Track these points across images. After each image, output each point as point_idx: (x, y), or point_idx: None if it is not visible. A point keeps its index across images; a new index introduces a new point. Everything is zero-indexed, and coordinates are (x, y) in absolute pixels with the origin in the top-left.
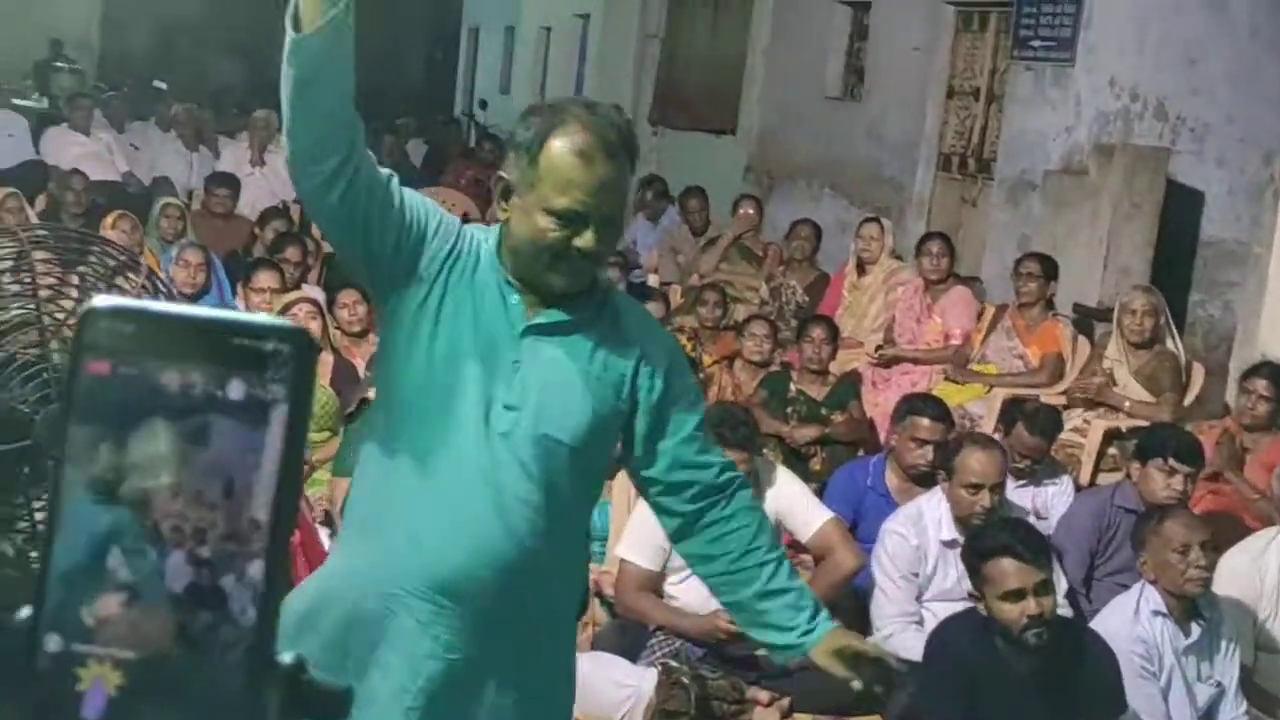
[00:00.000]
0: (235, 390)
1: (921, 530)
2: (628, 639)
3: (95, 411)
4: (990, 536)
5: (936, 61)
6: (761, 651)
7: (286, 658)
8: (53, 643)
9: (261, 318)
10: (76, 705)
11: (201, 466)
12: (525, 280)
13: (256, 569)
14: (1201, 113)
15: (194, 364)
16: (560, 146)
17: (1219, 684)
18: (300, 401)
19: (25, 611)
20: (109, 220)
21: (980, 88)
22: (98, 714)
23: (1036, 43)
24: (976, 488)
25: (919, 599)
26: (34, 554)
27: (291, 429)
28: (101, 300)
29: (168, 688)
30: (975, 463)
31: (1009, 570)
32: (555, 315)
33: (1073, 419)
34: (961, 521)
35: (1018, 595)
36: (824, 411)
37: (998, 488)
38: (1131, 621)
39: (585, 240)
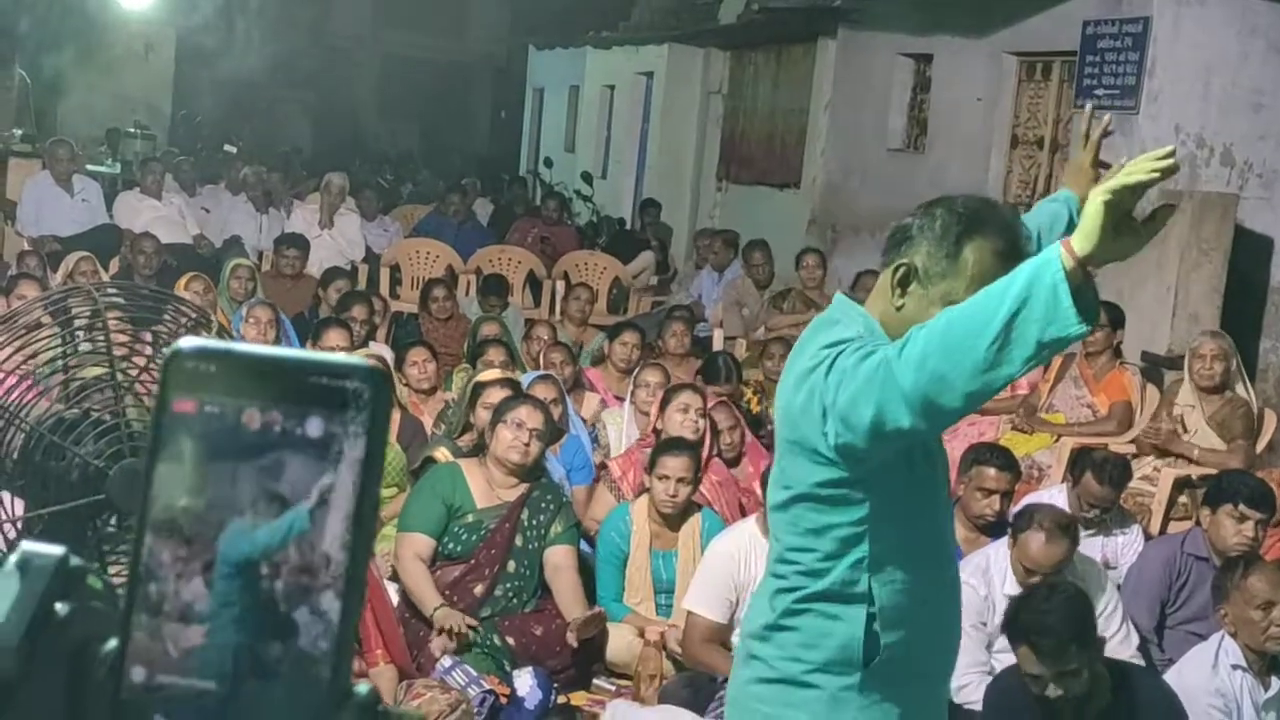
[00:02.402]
0: (314, 428)
1: (989, 581)
2: (695, 692)
3: (180, 448)
4: (1016, 621)
5: (999, 111)
6: None
7: (362, 689)
8: (137, 674)
9: (340, 357)
10: None
11: (268, 501)
12: None
13: (329, 601)
14: (1269, 158)
15: (274, 402)
16: (984, 245)
17: None
18: (376, 439)
19: (112, 643)
20: (182, 282)
21: (1044, 137)
22: None
23: (1100, 91)
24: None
25: (988, 648)
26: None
27: (368, 466)
28: (187, 341)
29: (246, 717)
30: (1036, 551)
31: (1027, 657)
32: None
33: (1142, 467)
34: (1030, 573)
35: (1037, 681)
36: None
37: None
38: (1210, 674)
39: None
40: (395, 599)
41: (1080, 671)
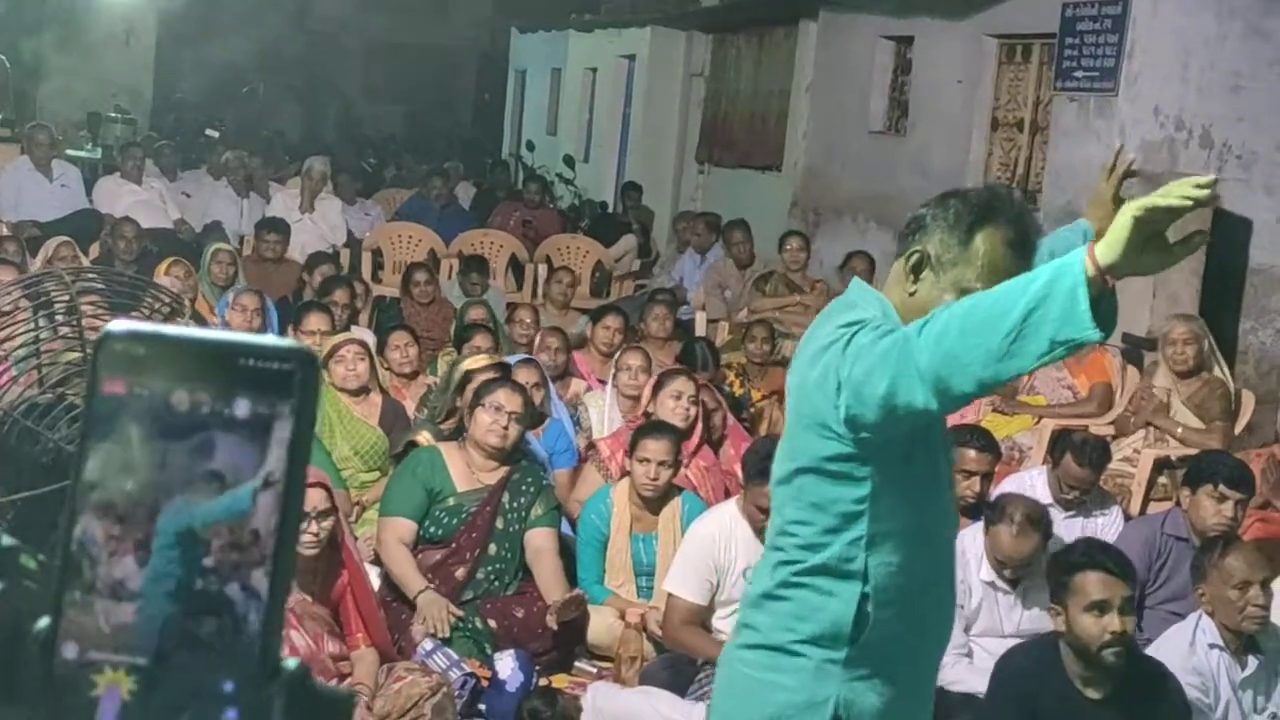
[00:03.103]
0: (241, 409)
1: (965, 565)
2: (676, 673)
3: (111, 429)
4: (1079, 550)
5: (980, 94)
6: None
7: (290, 663)
8: (69, 650)
9: (268, 339)
10: (91, 711)
11: (205, 480)
12: None
13: (259, 577)
14: (1248, 139)
15: (203, 384)
16: (995, 235)
17: (1275, 716)
18: (304, 419)
19: (44, 621)
20: (163, 267)
21: (1024, 119)
22: (112, 718)
23: (1080, 73)
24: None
25: (966, 631)
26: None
27: (296, 447)
28: (117, 325)
29: (178, 692)
30: (1006, 544)
31: (1095, 582)
32: None
33: (1123, 449)
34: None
35: (1102, 608)
36: None
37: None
38: (1187, 653)
39: None
40: (377, 583)
41: (1134, 609)
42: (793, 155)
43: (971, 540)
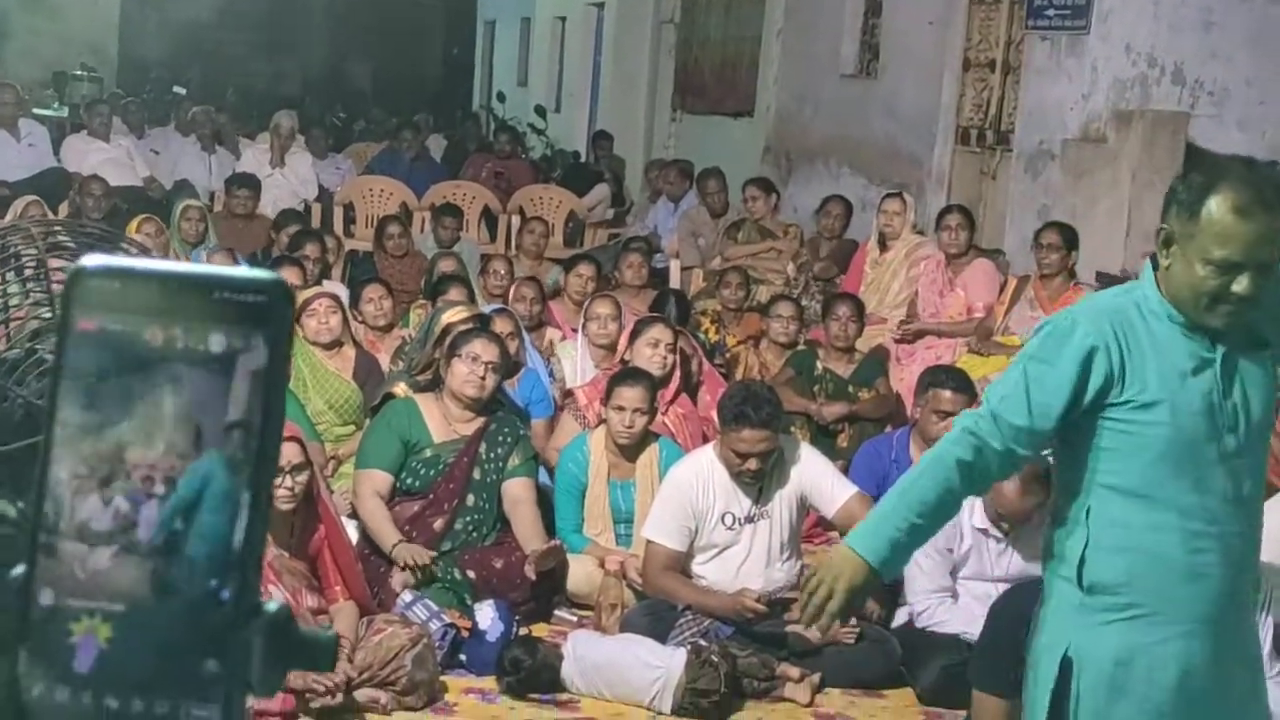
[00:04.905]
0: (215, 343)
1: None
2: (656, 620)
3: (84, 367)
4: None
5: (951, 34)
6: (790, 628)
7: (271, 606)
8: (46, 597)
9: (241, 271)
10: (69, 657)
11: (172, 417)
12: (1188, 319)
13: (234, 519)
14: (1220, 76)
15: (176, 319)
16: (1219, 203)
17: None
18: (278, 351)
19: (20, 568)
20: (134, 224)
21: (996, 59)
22: (90, 665)
23: (1051, 12)
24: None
25: (953, 574)
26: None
27: (270, 380)
28: (90, 259)
29: (156, 639)
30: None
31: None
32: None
33: None
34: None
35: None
36: (851, 389)
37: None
38: None
39: (1242, 286)
40: (354, 536)
41: None
42: (764, 101)
43: None
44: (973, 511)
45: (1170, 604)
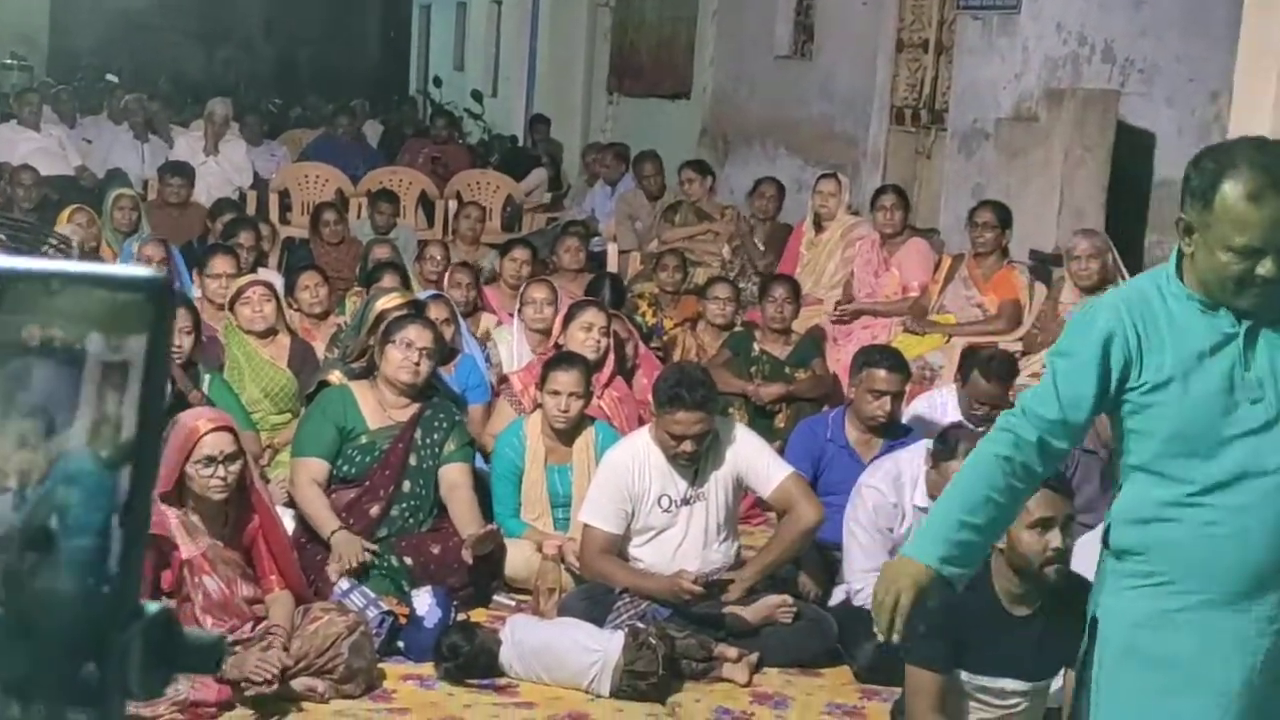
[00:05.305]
0: (93, 342)
1: (900, 489)
2: (594, 603)
3: None
4: None
5: (885, 15)
6: (727, 609)
7: (152, 607)
8: None
9: (120, 270)
10: None
11: (41, 414)
12: (1216, 303)
13: (112, 521)
14: (1149, 53)
15: (55, 318)
16: (1231, 190)
17: None
18: (157, 348)
19: None
20: (65, 214)
21: (929, 39)
22: None
23: None
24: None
25: (893, 553)
26: None
27: (149, 375)
28: None
29: (31, 643)
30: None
31: (1040, 500)
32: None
33: (1031, 365)
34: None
35: (1046, 525)
36: (788, 369)
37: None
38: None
39: (1266, 269)
40: (290, 525)
41: (1073, 526)
42: (701, 83)
43: (908, 463)
44: (915, 490)
45: (1188, 575)
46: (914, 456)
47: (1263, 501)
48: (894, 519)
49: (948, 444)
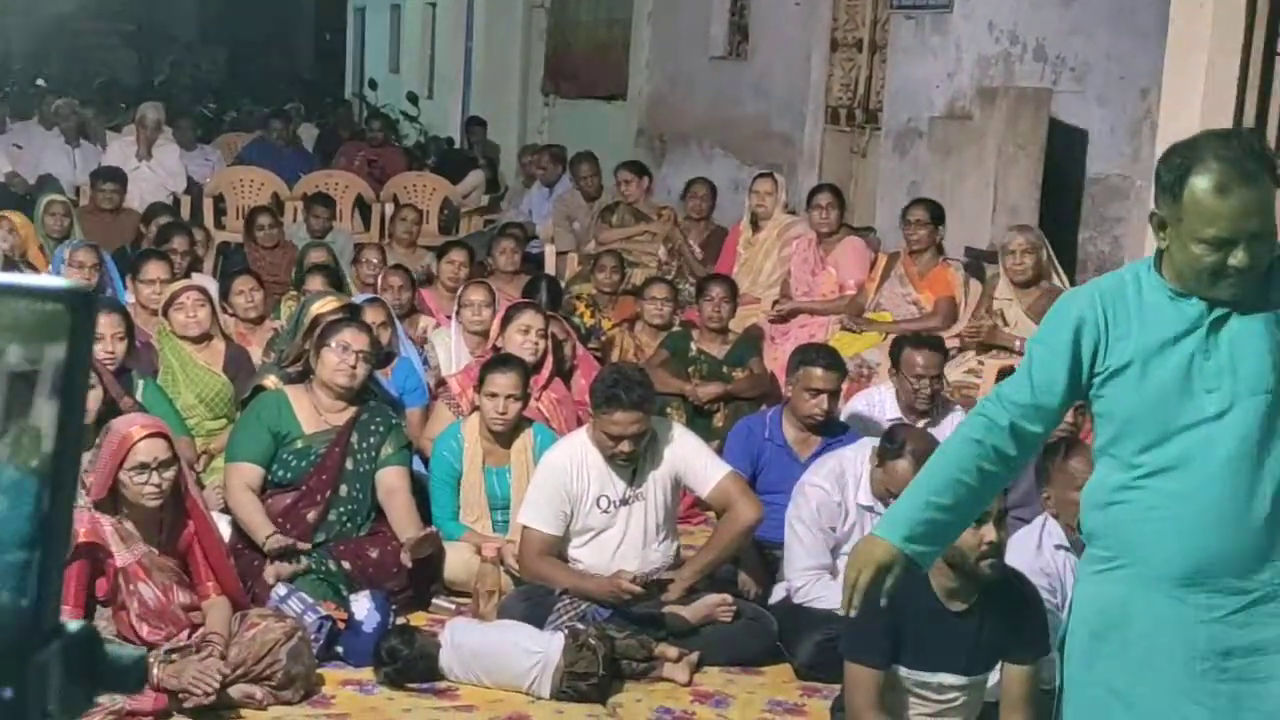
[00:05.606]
0: (12, 353)
1: (843, 487)
2: (534, 605)
3: None
4: None
5: (819, 15)
6: (667, 609)
7: (73, 625)
8: None
9: (39, 280)
10: None
11: None
12: (1193, 294)
13: (28, 539)
14: (1080, 51)
15: None
16: (1198, 184)
17: None
18: (77, 358)
19: None
20: None
21: (863, 39)
22: None
23: None
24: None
25: (833, 552)
26: None
27: (69, 385)
28: None
29: None
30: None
31: None
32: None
33: (967, 361)
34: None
35: (980, 520)
36: (725, 369)
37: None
38: (1035, 555)
39: (1238, 259)
40: (227, 531)
41: (1007, 521)
42: (637, 84)
43: (851, 461)
44: (859, 488)
45: (1136, 559)
46: (858, 454)
47: (1206, 490)
48: (837, 517)
49: (894, 442)
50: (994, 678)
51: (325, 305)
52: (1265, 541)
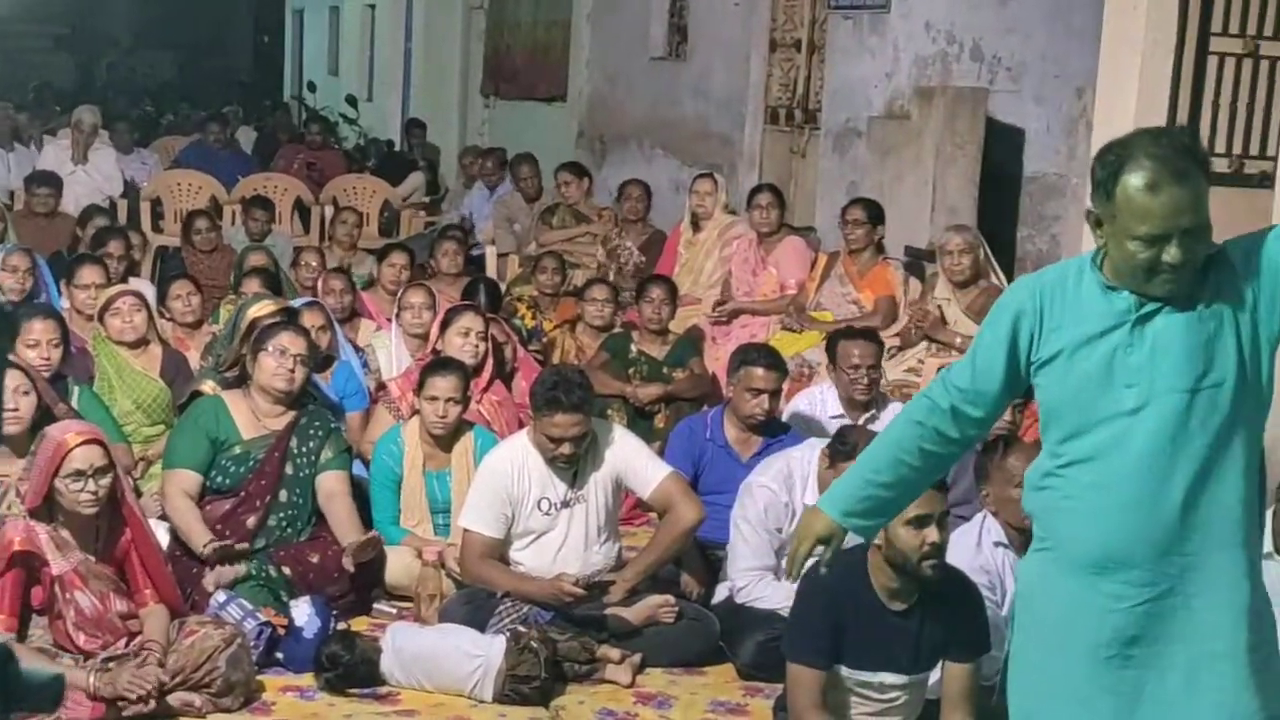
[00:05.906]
0: None
1: (791, 487)
2: (475, 608)
3: None
4: None
5: (757, 16)
6: (610, 610)
7: None
8: None
9: None
10: None
11: None
12: (1132, 290)
13: None
14: (1016, 51)
15: None
16: (1130, 182)
17: None
18: None
19: None
20: None
21: (802, 39)
22: None
23: None
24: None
25: (777, 554)
26: None
27: None
28: None
29: None
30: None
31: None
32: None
33: (907, 360)
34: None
35: (922, 522)
36: (665, 370)
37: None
38: (974, 552)
39: (1171, 255)
40: (165, 538)
41: (948, 522)
42: (577, 85)
43: (799, 461)
44: (806, 489)
45: (1057, 543)
46: (805, 455)
47: (1119, 483)
48: (784, 518)
49: (845, 444)
50: (935, 676)
51: (262, 309)
52: (1175, 536)
